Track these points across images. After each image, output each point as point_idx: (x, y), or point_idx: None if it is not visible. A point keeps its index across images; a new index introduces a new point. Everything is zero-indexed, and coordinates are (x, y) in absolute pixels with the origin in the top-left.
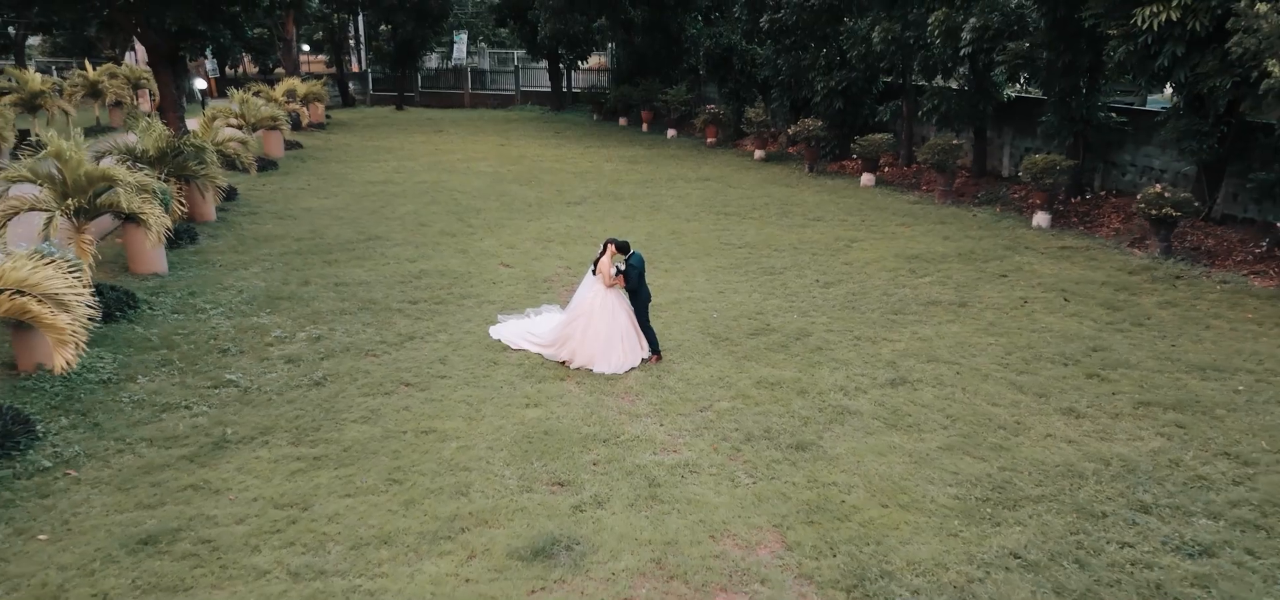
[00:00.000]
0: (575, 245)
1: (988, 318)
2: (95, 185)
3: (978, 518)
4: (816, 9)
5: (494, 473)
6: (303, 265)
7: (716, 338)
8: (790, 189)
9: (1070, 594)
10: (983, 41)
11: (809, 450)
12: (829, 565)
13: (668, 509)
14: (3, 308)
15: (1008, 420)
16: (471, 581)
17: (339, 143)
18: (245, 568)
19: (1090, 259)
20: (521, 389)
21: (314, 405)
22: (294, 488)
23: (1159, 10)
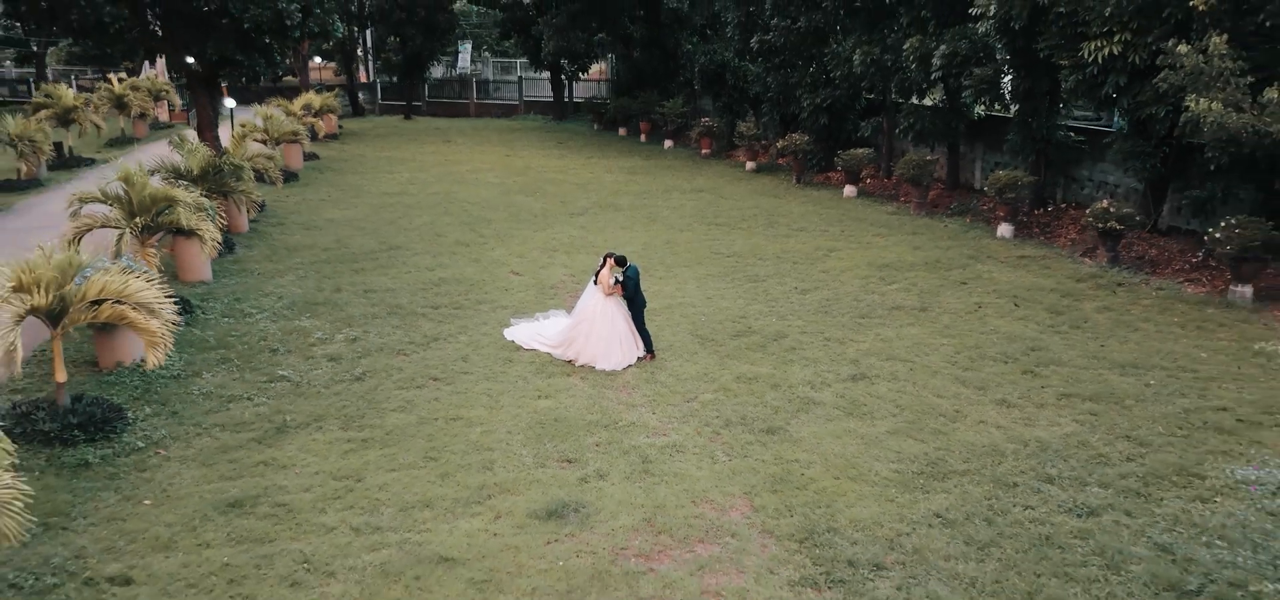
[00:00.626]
0: (578, 254)
1: (944, 321)
2: (158, 205)
3: (911, 487)
4: (803, 32)
5: (513, 451)
6: (333, 273)
7: (703, 339)
8: (778, 200)
9: (977, 543)
10: (952, 67)
11: (777, 434)
12: (787, 523)
13: (657, 481)
14: (105, 314)
15: (948, 409)
16: (499, 536)
17: (353, 153)
18: (315, 525)
19: (1044, 267)
20: (534, 383)
21: (357, 397)
22: (347, 464)
23: (1103, 45)
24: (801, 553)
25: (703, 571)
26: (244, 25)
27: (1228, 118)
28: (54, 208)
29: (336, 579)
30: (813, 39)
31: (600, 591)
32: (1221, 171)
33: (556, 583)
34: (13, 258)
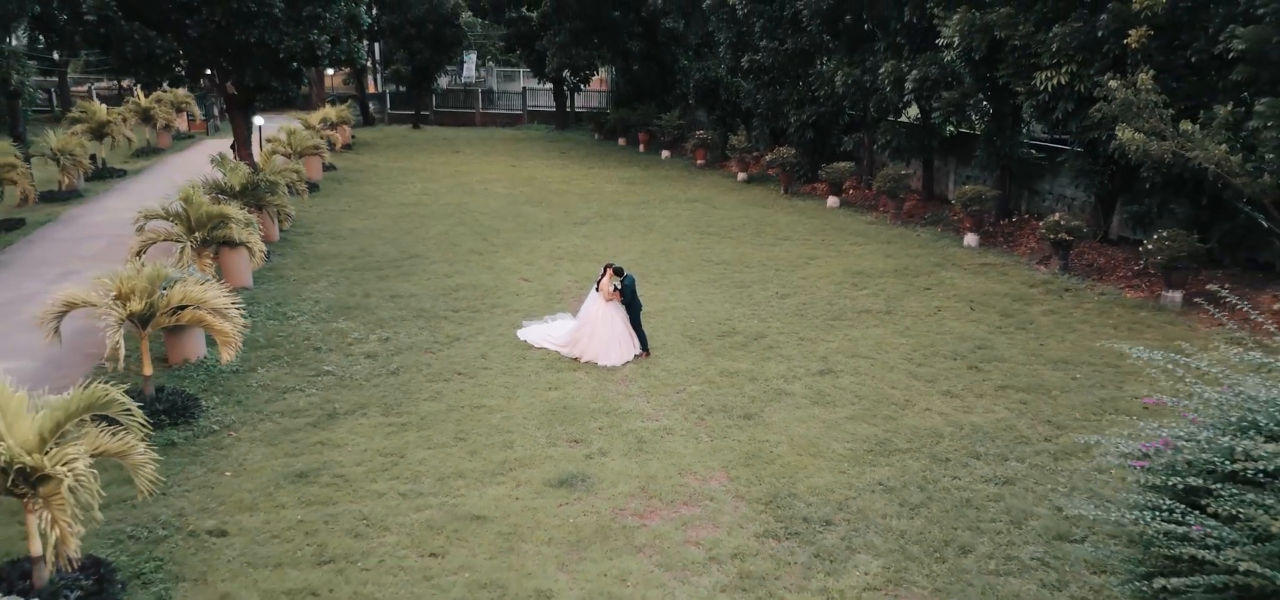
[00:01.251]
0: (582, 262)
1: (906, 323)
2: (213, 221)
3: (861, 462)
4: (790, 53)
5: (528, 433)
6: (361, 280)
7: (692, 339)
8: (766, 210)
9: (909, 505)
10: (923, 90)
11: (752, 419)
12: (756, 490)
13: (650, 457)
14: (187, 317)
15: (900, 399)
16: (520, 499)
17: (368, 164)
18: (369, 491)
19: (1002, 274)
20: (544, 377)
21: (393, 388)
22: (390, 443)
23: (1052, 75)
24: (766, 513)
25: (686, 526)
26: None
27: (1150, 145)
28: (97, 218)
29: (391, 532)
30: (799, 60)
31: (603, 542)
32: (1156, 189)
33: (567, 535)
34: (65, 266)
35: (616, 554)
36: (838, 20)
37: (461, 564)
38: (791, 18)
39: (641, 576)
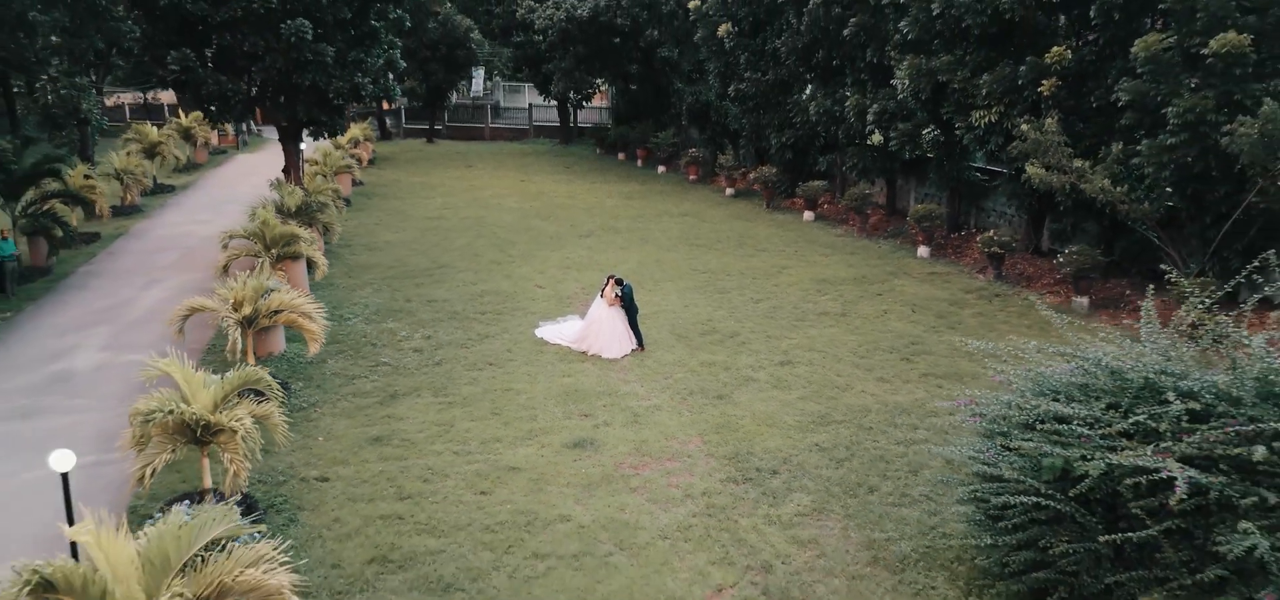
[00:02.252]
0: (587, 271)
1: (856, 323)
2: (285, 238)
3: (804, 430)
4: (771, 83)
5: (548, 409)
6: (400, 287)
7: (679, 336)
8: (749, 223)
9: (836, 460)
10: (882, 120)
11: (724, 399)
12: (723, 450)
13: (643, 426)
14: (284, 318)
15: (842, 383)
16: (544, 456)
17: (391, 179)
18: (429, 450)
19: (946, 282)
20: (559, 367)
21: (440, 376)
22: (441, 417)
23: (984, 114)
24: (729, 465)
25: (669, 475)
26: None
27: (1051, 178)
28: (161, 231)
29: (449, 479)
30: (779, 89)
31: (607, 485)
32: (1069, 210)
33: (580, 480)
34: (149, 276)
35: (617, 493)
36: (812, 56)
37: (504, 499)
38: (772, 52)
39: (635, 507)
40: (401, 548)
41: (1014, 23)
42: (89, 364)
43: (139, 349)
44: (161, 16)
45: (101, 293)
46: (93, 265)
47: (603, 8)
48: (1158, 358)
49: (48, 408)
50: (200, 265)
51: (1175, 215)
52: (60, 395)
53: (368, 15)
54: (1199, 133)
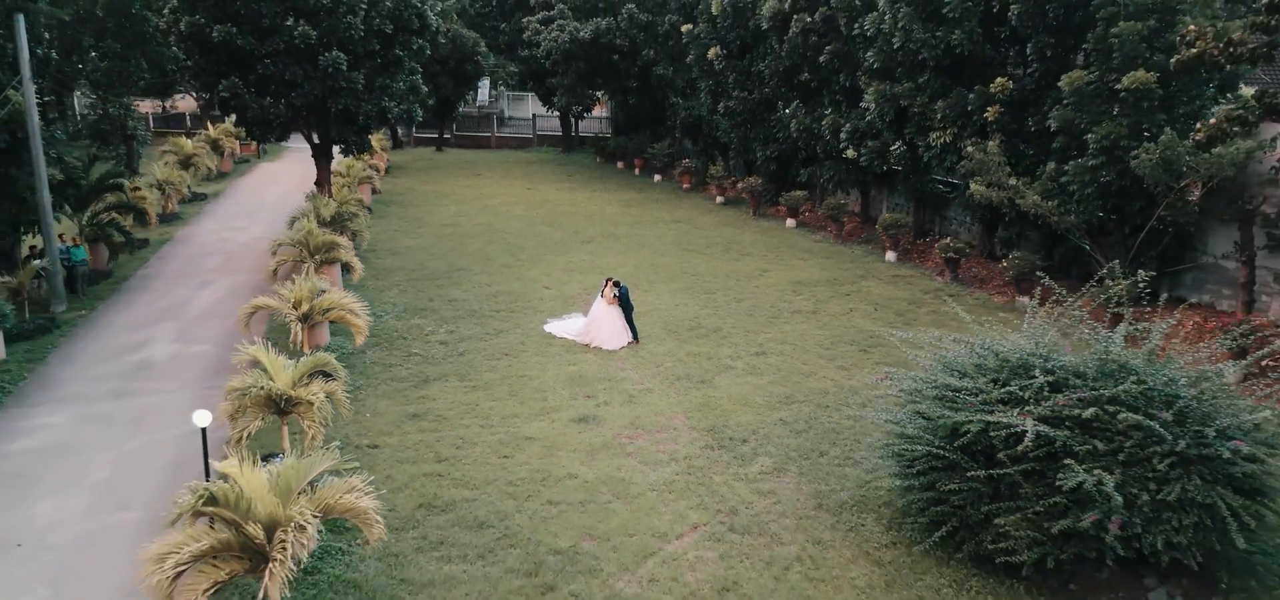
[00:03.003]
0: (589, 274)
1: (824, 320)
2: (326, 246)
3: (772, 408)
4: (757, 101)
5: (557, 392)
6: (423, 288)
7: (670, 331)
8: (736, 230)
9: (796, 431)
10: (854, 138)
11: (706, 383)
12: (703, 424)
13: (637, 405)
14: (334, 315)
15: (807, 371)
16: (555, 429)
17: (406, 188)
18: (459, 425)
19: (908, 283)
20: (565, 357)
21: (464, 364)
22: (467, 398)
23: (940, 135)
24: (708, 436)
25: (657, 443)
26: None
27: (991, 194)
28: (203, 237)
29: (477, 446)
30: (764, 107)
31: (607, 451)
32: (1013, 221)
33: (585, 447)
34: (201, 278)
35: (615, 457)
36: (793, 78)
37: (522, 461)
38: (758, 74)
39: (630, 468)
40: (442, 497)
41: (964, 56)
42: (164, 354)
43: (204, 341)
44: (214, 50)
45: (161, 293)
46: (148, 269)
47: (603, 30)
48: (1029, 344)
49: (136, 390)
50: (243, 268)
51: (1102, 225)
52: (145, 380)
53: (394, 46)
54: (1115, 156)
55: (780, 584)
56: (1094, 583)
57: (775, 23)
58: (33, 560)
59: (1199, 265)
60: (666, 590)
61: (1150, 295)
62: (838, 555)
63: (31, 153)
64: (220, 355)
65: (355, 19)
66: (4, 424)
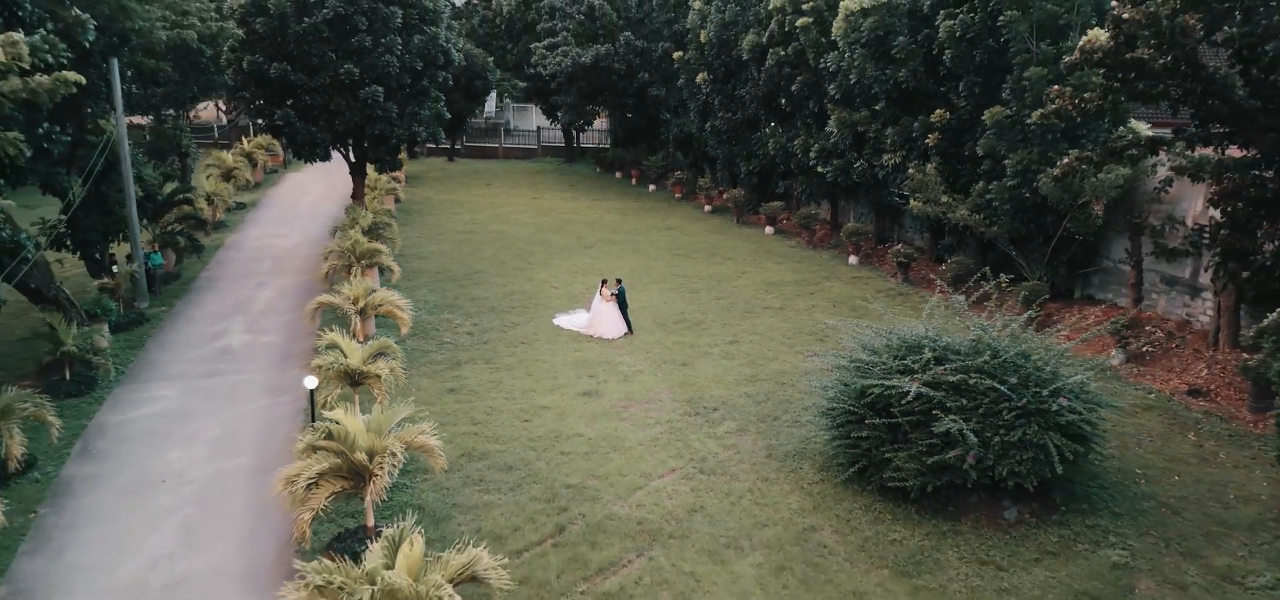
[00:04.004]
0: (591, 276)
1: (790, 316)
2: (370, 253)
3: (739, 385)
4: (739, 121)
5: (565, 372)
6: (448, 288)
7: (659, 324)
8: (721, 236)
9: (758, 400)
10: (822, 156)
11: (687, 366)
12: (683, 396)
13: (630, 383)
14: (384, 309)
15: (771, 356)
16: (563, 401)
17: (423, 197)
18: (487, 397)
19: (865, 284)
20: (571, 345)
21: (488, 351)
22: (492, 378)
23: (892, 157)
24: (686, 405)
25: (646, 411)
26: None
27: (928, 209)
28: (251, 243)
29: (503, 414)
30: (745, 126)
31: (606, 417)
32: (953, 230)
33: (588, 414)
34: (257, 279)
35: (612, 421)
36: (771, 102)
37: (539, 423)
38: (740, 97)
39: (624, 429)
40: (478, 449)
41: (910, 90)
42: (240, 342)
43: (271, 332)
44: (269, 83)
45: (226, 292)
46: (209, 271)
47: (603, 55)
48: (924, 328)
49: (223, 371)
50: (292, 270)
51: (1024, 234)
52: (228, 363)
53: (423, 79)
54: (1027, 178)
55: (735, 507)
56: (964, 504)
57: (754, 54)
58: (176, 491)
59: (1103, 268)
60: (650, 512)
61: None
62: (779, 488)
63: (122, 175)
64: (286, 344)
65: (391, 57)
66: (126, 395)
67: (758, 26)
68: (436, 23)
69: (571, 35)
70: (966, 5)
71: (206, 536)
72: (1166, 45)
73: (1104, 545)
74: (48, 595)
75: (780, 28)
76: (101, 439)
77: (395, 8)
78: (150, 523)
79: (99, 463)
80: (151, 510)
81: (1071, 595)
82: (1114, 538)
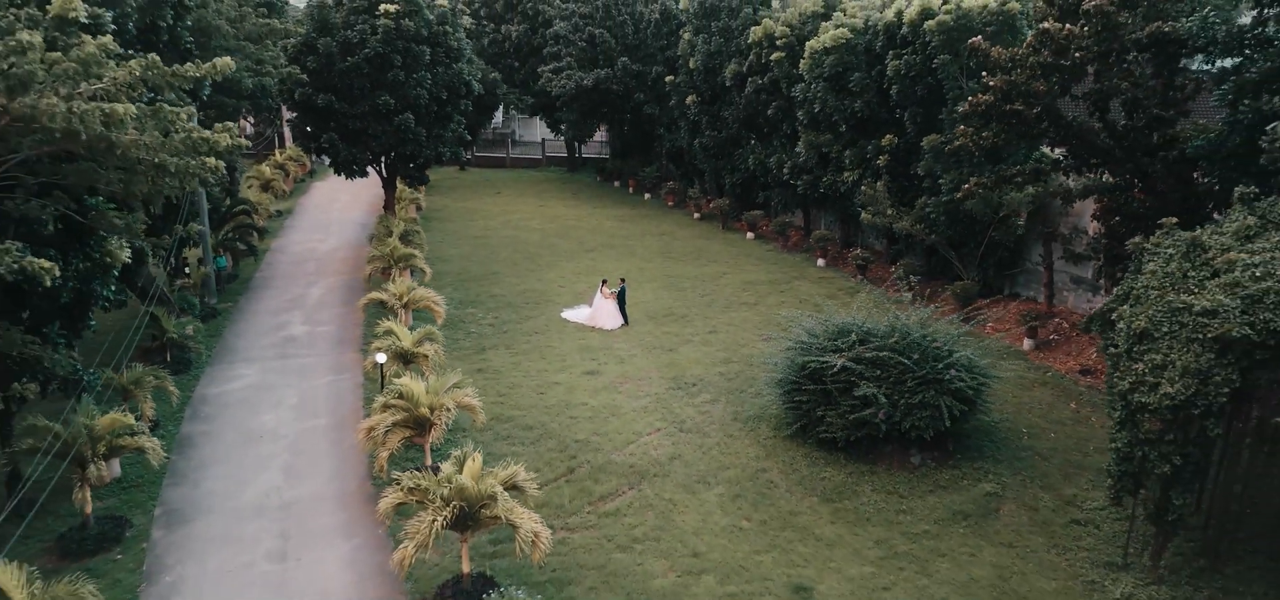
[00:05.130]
0: (593, 276)
1: (763, 310)
2: (405, 256)
3: (715, 365)
4: (724, 139)
5: (572, 356)
6: (469, 286)
7: (650, 317)
8: (707, 241)
9: (729, 377)
10: (794, 172)
11: (672, 351)
12: (668, 375)
13: (625, 365)
14: (422, 304)
15: (744, 342)
16: (571, 378)
17: (440, 205)
18: (509, 375)
19: (829, 283)
20: (577, 335)
21: (507, 338)
22: (512, 361)
23: (850, 174)
24: (671, 382)
25: (638, 386)
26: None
27: (876, 220)
28: (294, 248)
29: (522, 388)
30: (729, 143)
31: (606, 390)
32: (902, 237)
33: (591, 387)
34: (307, 280)
35: (611, 394)
36: (751, 123)
37: (552, 396)
38: (724, 117)
39: (620, 400)
40: (504, 415)
41: (865, 118)
42: (301, 332)
43: (326, 323)
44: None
45: (281, 291)
46: (261, 273)
47: (603, 78)
48: (855, 316)
49: (292, 354)
50: (335, 271)
51: (961, 240)
52: (294, 348)
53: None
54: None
55: (705, 455)
56: (878, 452)
57: (736, 81)
58: (273, 443)
59: (1025, 269)
60: (639, 459)
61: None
62: (740, 442)
63: (198, 193)
64: (339, 333)
65: (421, 90)
66: (217, 373)
67: (739, 57)
68: (459, 59)
69: (574, 60)
70: (909, 48)
71: (302, 473)
72: (1030, 103)
73: (983, 480)
74: (194, 513)
75: (758, 59)
76: (205, 406)
77: (424, 47)
78: (259, 464)
79: (208, 423)
80: (257, 456)
81: (950, 514)
82: (992, 476)
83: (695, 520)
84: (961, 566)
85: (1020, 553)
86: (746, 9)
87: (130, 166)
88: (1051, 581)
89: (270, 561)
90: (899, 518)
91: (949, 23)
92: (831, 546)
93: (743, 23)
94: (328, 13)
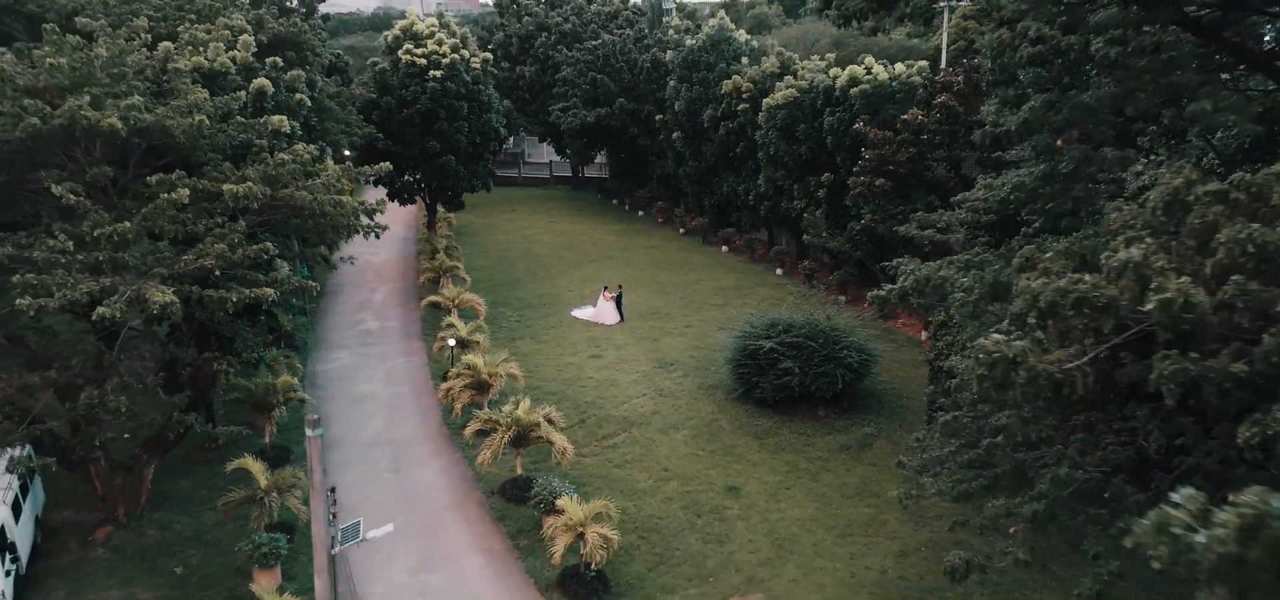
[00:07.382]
0: (595, 282)
1: (729, 310)
2: (451, 267)
3: (689, 351)
4: (703, 168)
5: (580, 344)
6: (497, 291)
7: (640, 315)
8: (688, 254)
9: (699, 358)
10: (758, 200)
11: (656, 341)
12: (653, 357)
13: (620, 350)
14: (465, 304)
15: (713, 331)
16: (580, 359)
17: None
18: (534, 358)
19: (785, 289)
20: (584, 329)
21: (531, 331)
22: (535, 346)
23: (798, 203)
24: (654, 362)
25: (630, 365)
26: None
27: (814, 240)
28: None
29: (544, 366)
30: (708, 172)
31: (607, 367)
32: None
33: (596, 367)
34: (370, 286)
35: (609, 371)
36: (724, 157)
37: (568, 372)
38: (704, 151)
39: (616, 374)
40: (533, 385)
41: (809, 159)
42: (374, 326)
43: (391, 320)
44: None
45: (351, 296)
46: (332, 281)
47: (603, 115)
48: (786, 313)
49: (371, 342)
50: (391, 279)
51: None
52: (371, 338)
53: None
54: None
55: (676, 411)
56: (795, 408)
57: (711, 123)
58: (371, 404)
59: None
60: (630, 413)
61: None
62: (702, 403)
63: None
64: (404, 327)
65: (461, 137)
66: (319, 356)
67: (714, 104)
68: (489, 110)
69: (579, 100)
70: (841, 107)
71: (398, 421)
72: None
73: (865, 425)
74: (333, 445)
75: (729, 107)
76: (317, 379)
77: (463, 103)
78: (366, 416)
79: (323, 389)
80: (363, 411)
81: (840, 447)
82: (872, 421)
83: (667, 451)
84: (839, 477)
85: (880, 469)
86: (721, 64)
87: (323, 218)
88: (894, 486)
89: (390, 472)
90: (804, 449)
91: (868, 90)
92: (755, 465)
93: (717, 75)
94: (386, 77)
